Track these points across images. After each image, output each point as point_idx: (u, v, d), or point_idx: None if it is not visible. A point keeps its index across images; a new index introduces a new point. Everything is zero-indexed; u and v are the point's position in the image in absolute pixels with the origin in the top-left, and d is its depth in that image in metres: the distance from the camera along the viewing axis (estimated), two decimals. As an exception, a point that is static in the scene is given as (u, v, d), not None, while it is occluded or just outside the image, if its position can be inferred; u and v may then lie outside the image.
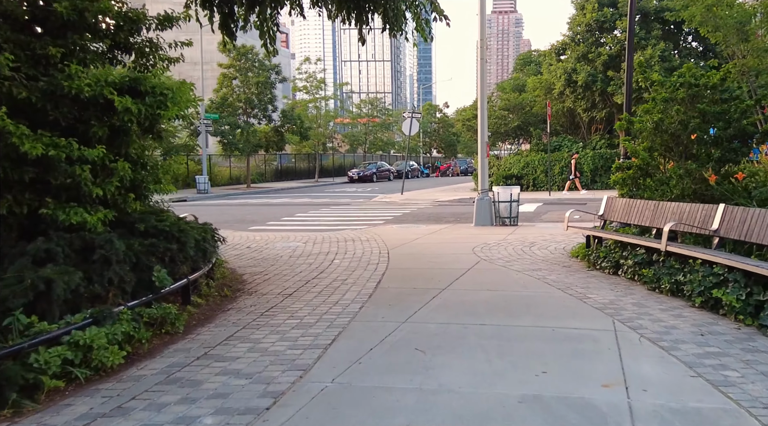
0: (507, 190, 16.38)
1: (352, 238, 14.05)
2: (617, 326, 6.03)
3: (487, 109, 16.92)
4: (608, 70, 29.44)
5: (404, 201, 27.74)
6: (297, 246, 12.83)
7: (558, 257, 10.67)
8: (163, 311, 5.49)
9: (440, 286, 8.03)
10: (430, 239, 13.54)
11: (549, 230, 14.92)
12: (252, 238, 14.39)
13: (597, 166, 30.21)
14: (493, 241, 12.90)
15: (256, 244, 13.32)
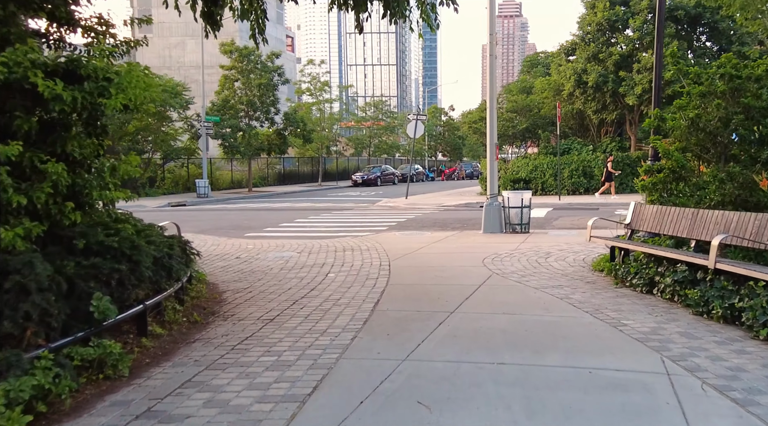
0: (518, 195, 15.17)
1: (351, 246, 12.86)
2: (669, 367, 4.82)
3: (496, 110, 15.73)
4: (620, 71, 28.21)
5: (409, 206, 26.55)
6: (291, 256, 11.66)
7: (578, 271, 9.45)
8: (102, 351, 4.32)
9: (448, 308, 6.83)
10: (435, 249, 12.34)
11: (564, 238, 13.69)
12: (244, 247, 13.22)
13: (608, 170, 28.95)
14: (504, 251, 11.69)
15: (247, 254, 12.15)
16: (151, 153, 35.98)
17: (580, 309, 6.81)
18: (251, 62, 36.82)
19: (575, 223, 18.32)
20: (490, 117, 15.53)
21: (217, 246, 13.59)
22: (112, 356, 4.33)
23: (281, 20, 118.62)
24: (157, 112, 34.36)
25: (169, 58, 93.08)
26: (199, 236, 15.86)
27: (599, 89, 28.86)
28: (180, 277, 6.43)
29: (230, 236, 16.27)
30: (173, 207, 29.61)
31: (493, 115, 15.55)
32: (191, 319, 6.29)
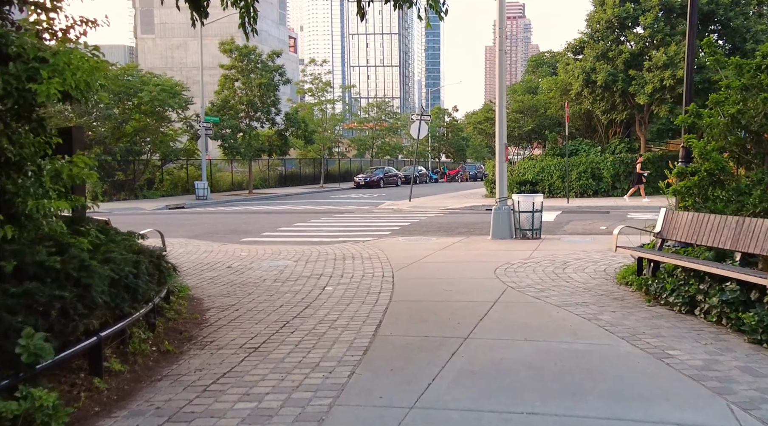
0: (528, 198, 14.22)
1: (352, 254, 11.92)
2: (741, 419, 3.87)
3: (505, 108, 14.78)
4: (630, 69, 27.21)
5: (412, 209, 25.60)
6: (286, 265, 10.72)
7: (602, 284, 8.49)
8: (30, 404, 3.39)
9: (461, 333, 5.88)
10: (442, 257, 11.39)
11: (579, 245, 12.73)
12: (238, 255, 12.29)
13: (617, 172, 27.98)
14: (516, 259, 10.74)
15: (240, 262, 11.21)
16: (150, 154, 35.10)
17: (613, 334, 5.85)
18: (251, 61, 35.91)
19: (588, 227, 17.37)
20: (499, 116, 14.59)
21: (209, 253, 12.67)
22: (44, 410, 3.40)
23: (284, 21, 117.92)
24: (155, 112, 33.55)
25: (171, 59, 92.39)
26: (193, 242, 14.98)
27: (608, 88, 27.85)
28: (150, 297, 5.50)
29: (225, 241, 15.38)
30: (171, 209, 28.73)
31: (503, 114, 14.61)
32: (162, 349, 5.34)
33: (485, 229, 17.14)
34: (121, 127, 33.04)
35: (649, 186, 28.24)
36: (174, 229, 18.79)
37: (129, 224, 20.74)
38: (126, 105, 33.59)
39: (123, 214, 25.59)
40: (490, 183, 31.90)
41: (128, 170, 33.53)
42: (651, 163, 28.44)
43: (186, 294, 7.96)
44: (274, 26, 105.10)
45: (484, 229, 17.36)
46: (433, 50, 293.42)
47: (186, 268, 10.69)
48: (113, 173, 32.94)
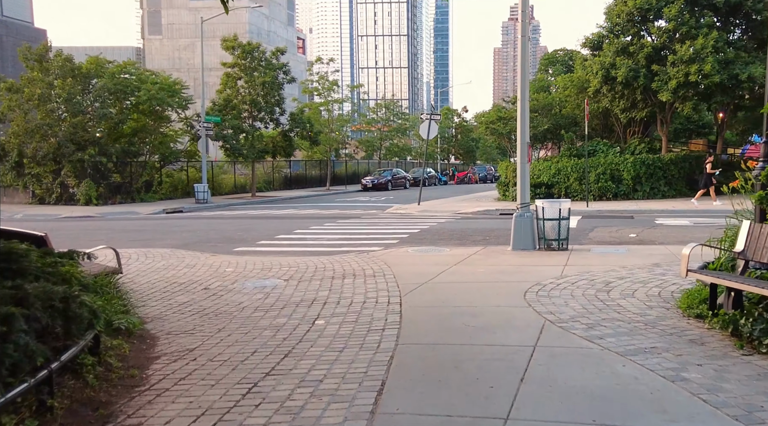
0: (554, 204, 12.38)
1: (353, 270, 10.13)
2: None
3: (528, 102, 12.96)
4: (652, 64, 25.29)
5: (422, 213, 23.79)
6: (275, 286, 8.94)
7: (664, 315, 6.65)
8: None
9: (497, 410, 4.05)
10: (458, 274, 9.57)
11: (615, 259, 10.88)
12: (222, 271, 10.53)
13: (638, 174, 26.04)
14: (547, 278, 8.92)
15: (222, 281, 9.44)
16: (148, 156, 33.48)
17: (718, 409, 4.01)
18: (255, 59, 34.26)
19: (616, 236, 15.50)
20: (522, 111, 12.76)
21: (190, 268, 10.92)
22: None
23: (292, 22, 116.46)
24: (153, 112, 31.93)
25: (178, 60, 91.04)
26: (178, 252, 13.25)
27: (629, 85, 25.91)
28: (47, 361, 3.72)
29: (216, 251, 13.67)
30: (168, 214, 27.08)
31: (525, 109, 12.78)
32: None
33: (503, 238, 15.32)
34: (118, 127, 31.43)
35: (673, 188, 26.31)
36: (162, 237, 17.10)
37: (114, 231, 19.00)
38: (124, 104, 32.00)
39: (113, 219, 23.95)
40: (503, 185, 30.06)
41: (125, 172, 31.91)
42: (675, 164, 26.52)
43: (139, 330, 6.19)
44: (282, 27, 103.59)
45: (501, 237, 15.54)
46: (442, 52, 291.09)
47: (157, 289, 8.95)
48: (109, 175, 31.34)
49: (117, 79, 30.58)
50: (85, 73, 30.01)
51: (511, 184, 29.08)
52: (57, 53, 29.73)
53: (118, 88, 30.51)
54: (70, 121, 28.75)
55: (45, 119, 28.22)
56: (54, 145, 28.55)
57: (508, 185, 29.37)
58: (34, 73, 28.87)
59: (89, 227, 20.42)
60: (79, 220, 23.89)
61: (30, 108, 28.43)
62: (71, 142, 28.61)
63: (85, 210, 27.36)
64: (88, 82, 30.07)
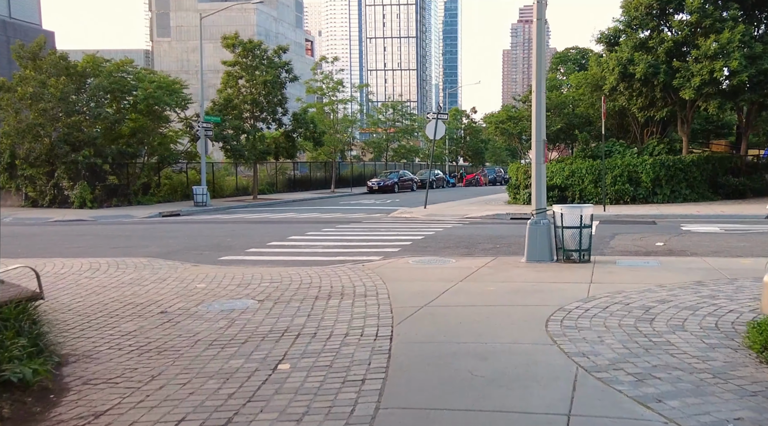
0: (574, 210, 10.77)
1: (341, 288, 8.60)
2: None
3: (544, 95, 11.37)
4: (673, 60, 23.59)
5: (427, 217, 22.22)
6: (245, 309, 7.43)
7: (732, 359, 5.05)
8: None
9: None
10: (465, 294, 8.01)
11: (647, 274, 9.28)
12: (193, 287, 9.03)
13: (658, 176, 24.35)
14: (571, 300, 7.34)
15: (185, 302, 7.94)
16: (146, 157, 32.11)
17: None
18: (256, 57, 32.83)
19: (641, 244, 13.87)
20: (537, 105, 11.18)
21: (158, 283, 9.44)
22: None
23: (300, 24, 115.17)
24: (152, 112, 30.57)
25: (186, 62, 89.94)
26: (156, 262, 11.80)
27: (647, 82, 24.22)
28: None
29: (198, 261, 12.24)
30: (164, 217, 25.69)
31: (541, 103, 11.20)
32: None
33: (515, 246, 13.74)
34: (115, 128, 30.09)
35: (695, 192, 24.59)
36: (147, 244, 15.65)
37: (99, 237, 17.50)
38: (121, 104, 30.66)
39: (105, 224, 22.55)
40: (513, 188, 28.45)
41: (122, 174, 30.55)
42: (697, 166, 24.81)
43: (42, 381, 4.67)
44: (290, 29, 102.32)
45: (513, 245, 13.96)
46: (451, 54, 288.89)
47: (105, 312, 7.45)
48: (105, 177, 29.99)
49: (113, 77, 29.24)
50: (81, 72, 28.69)
51: (522, 186, 27.47)
52: (51, 51, 28.44)
53: (114, 86, 29.18)
54: (65, 121, 27.40)
55: (38, 119, 26.89)
56: (47, 145, 27.23)
57: (519, 188, 27.77)
58: (27, 71, 27.58)
59: (73, 232, 19.02)
60: (68, 224, 22.52)
61: (22, 107, 27.12)
62: (65, 143, 27.29)
63: (79, 213, 26.01)
64: (83, 81, 28.74)
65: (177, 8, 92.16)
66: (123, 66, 30.02)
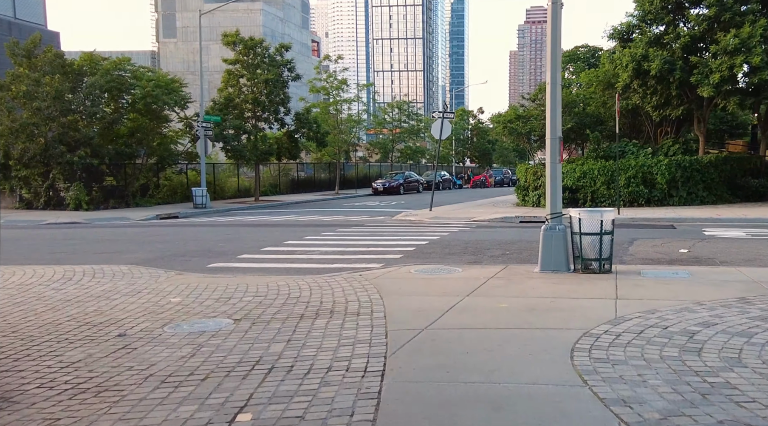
0: (594, 215, 9.63)
1: (331, 303, 7.53)
2: None
3: (560, 86, 10.21)
4: (690, 56, 22.38)
5: (433, 220, 21.11)
6: (217, 331, 6.36)
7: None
8: None
9: None
10: (473, 313, 6.89)
11: (679, 287, 8.14)
12: (164, 302, 7.98)
13: (674, 177, 23.12)
14: (597, 321, 6.23)
15: (151, 321, 6.88)
16: (146, 158, 31.14)
17: None
18: (258, 55, 31.80)
19: (663, 251, 12.71)
20: (552, 97, 10.04)
21: (130, 296, 8.41)
22: None
23: (306, 25, 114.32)
24: (150, 111, 29.61)
25: (193, 63, 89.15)
26: (137, 270, 10.79)
27: (663, 80, 23.00)
28: None
29: (184, 268, 11.25)
30: (162, 219, 24.71)
31: (556, 95, 10.05)
32: None
33: (526, 253, 12.61)
34: (112, 127, 29.15)
35: (713, 194, 23.34)
36: (135, 249, 14.63)
37: (85, 241, 16.48)
38: (119, 103, 29.72)
39: (98, 226, 21.54)
40: (522, 189, 27.28)
41: (120, 175, 29.58)
42: (714, 167, 23.57)
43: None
44: (296, 30, 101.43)
45: (524, 251, 12.83)
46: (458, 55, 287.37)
47: (56, 334, 6.39)
48: (102, 178, 29.05)
49: (110, 76, 28.28)
50: (77, 70, 27.76)
51: (531, 188, 26.31)
52: (48, 48, 27.52)
53: (111, 85, 28.21)
54: (60, 120, 26.46)
55: (32, 118, 25.95)
56: (42, 145, 26.27)
57: (528, 189, 26.60)
58: (21, 69, 26.66)
59: (61, 236, 18.01)
60: (60, 227, 21.55)
61: (15, 106, 26.20)
62: (60, 143, 26.35)
63: (73, 215, 25.05)
64: (80, 80, 27.79)
65: (183, 9, 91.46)
66: (121, 64, 29.06)
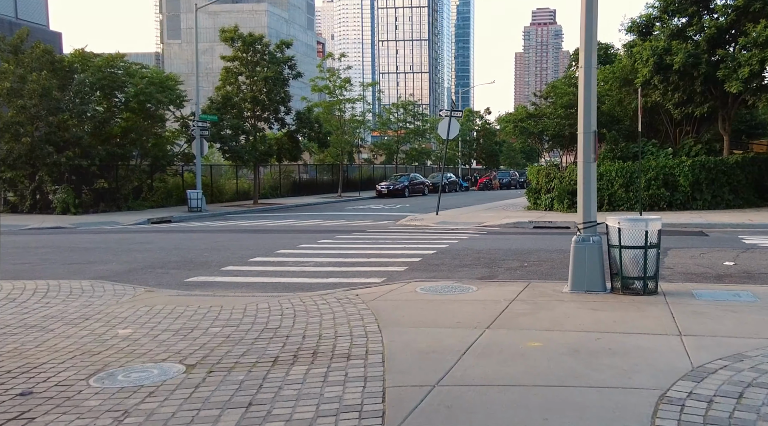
0: (637, 224, 7.94)
1: (316, 339, 5.90)
2: None
3: (596, 66, 8.50)
4: (717, 49, 20.64)
5: (440, 225, 19.44)
6: (160, 384, 4.73)
7: None
8: None
9: None
10: (497, 358, 5.20)
11: (753, 315, 6.46)
12: (109, 336, 6.39)
13: (698, 179, 21.38)
14: (669, 374, 4.55)
15: (77, 369, 5.25)
16: (139, 159, 29.58)
17: None
18: (257, 52, 30.20)
19: (704, 263, 10.99)
20: (586, 84, 8.35)
21: (73, 326, 6.85)
22: None
23: (311, 26, 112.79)
24: (145, 110, 28.07)
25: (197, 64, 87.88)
26: (101, 286, 9.26)
27: (686, 75, 21.27)
28: None
29: (159, 283, 9.87)
30: (153, 224, 23.14)
31: (591, 80, 8.37)
32: None
33: (547, 265, 10.97)
34: (104, 127, 27.60)
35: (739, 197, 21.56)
36: (109, 259, 13.03)
37: (59, 250, 14.85)
38: (112, 101, 28.18)
39: (83, 232, 19.93)
40: (534, 192, 25.58)
41: (111, 177, 28.02)
42: (741, 168, 21.79)
43: None
44: (301, 31, 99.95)
45: (545, 264, 11.18)
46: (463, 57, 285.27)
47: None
48: (93, 181, 27.49)
49: (102, 73, 26.74)
50: (67, 67, 26.24)
51: (543, 191, 24.63)
52: (37, 43, 26.00)
53: (103, 82, 26.67)
54: (47, 119, 24.92)
55: (17, 117, 24.40)
56: (28, 145, 24.71)
57: (540, 192, 24.90)
58: (6, 65, 25.13)
59: (35, 243, 16.41)
60: (41, 232, 19.98)
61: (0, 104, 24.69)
62: (48, 143, 24.80)
63: (60, 219, 23.48)
64: (70, 77, 26.25)
65: (187, 10, 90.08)
66: (114, 61, 27.50)
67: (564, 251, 12.94)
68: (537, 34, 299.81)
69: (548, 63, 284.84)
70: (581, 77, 8.28)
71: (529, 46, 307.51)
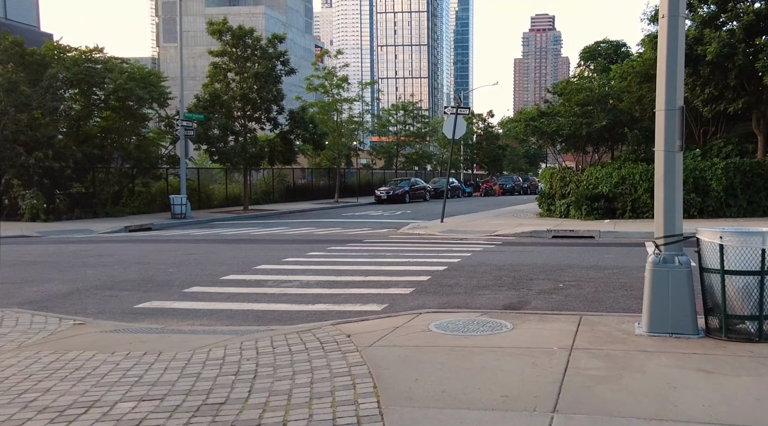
0: (751, 239, 5.49)
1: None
2: None
3: (684, 26, 6.08)
4: (754, 38, 18.28)
5: (447, 234, 17.00)
6: None
7: None
8: None
9: None
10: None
11: None
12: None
13: (732, 183, 18.95)
14: None
15: None
16: (120, 161, 27.14)
17: None
18: (248, 47, 27.83)
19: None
20: (670, 42, 5.94)
21: None
22: None
23: (310, 30, 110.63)
24: (125, 108, 25.66)
25: (193, 68, 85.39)
26: (14, 317, 7.02)
27: (719, 67, 18.89)
28: None
29: (100, 310, 7.84)
30: (130, 232, 20.72)
31: (678, 36, 5.95)
32: None
33: (589, 286, 8.55)
34: (80, 126, 25.18)
35: None
36: (53, 276, 10.65)
37: (2, 263, 12.47)
38: (91, 99, 25.78)
39: (45, 242, 17.39)
40: (547, 197, 23.19)
41: (88, 181, 25.57)
42: None
43: None
44: (299, 35, 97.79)
45: (586, 285, 8.75)
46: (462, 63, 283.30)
47: None
48: (68, 184, 25.03)
49: (79, 67, 24.34)
50: (39, 61, 23.83)
51: (558, 196, 22.23)
52: (4, 33, 23.63)
53: (79, 77, 24.26)
54: (15, 116, 22.49)
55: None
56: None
57: (554, 197, 22.50)
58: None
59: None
60: None
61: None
62: (15, 143, 22.37)
63: (27, 227, 21.01)
64: (43, 72, 23.84)
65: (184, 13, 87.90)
66: (90, 54, 25.10)
67: (602, 268, 10.52)
68: (536, 40, 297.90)
69: (547, 69, 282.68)
70: (664, 30, 5.88)
71: (528, 52, 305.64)
